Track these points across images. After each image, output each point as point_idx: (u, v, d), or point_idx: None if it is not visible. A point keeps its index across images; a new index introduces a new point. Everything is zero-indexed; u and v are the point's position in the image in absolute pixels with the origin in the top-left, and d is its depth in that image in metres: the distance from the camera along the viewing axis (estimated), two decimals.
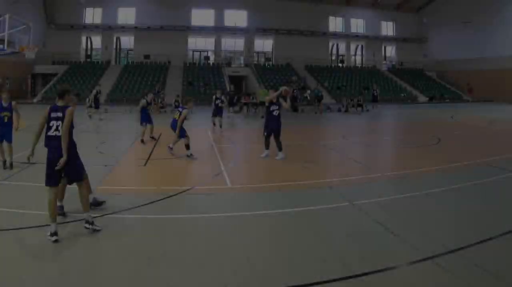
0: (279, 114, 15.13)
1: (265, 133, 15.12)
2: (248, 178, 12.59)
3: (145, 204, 9.35)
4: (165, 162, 14.61)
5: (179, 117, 15.01)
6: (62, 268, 6.14)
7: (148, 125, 18.99)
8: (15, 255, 6.56)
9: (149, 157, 15.19)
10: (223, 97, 25.16)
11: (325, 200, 9.96)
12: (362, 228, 7.91)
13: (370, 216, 8.57)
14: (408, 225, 8.07)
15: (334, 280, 5.88)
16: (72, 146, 7.74)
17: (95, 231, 7.61)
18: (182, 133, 15.06)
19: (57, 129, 7.48)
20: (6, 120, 12.93)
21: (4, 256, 6.48)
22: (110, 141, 18.56)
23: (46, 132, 7.58)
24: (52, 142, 7.50)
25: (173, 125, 15.36)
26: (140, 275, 6.00)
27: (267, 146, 15.26)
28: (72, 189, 8.11)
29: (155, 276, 5.99)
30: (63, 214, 8.48)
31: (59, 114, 7.52)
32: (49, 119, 7.56)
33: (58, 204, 8.29)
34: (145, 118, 18.84)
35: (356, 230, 7.82)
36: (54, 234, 7.10)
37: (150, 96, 19.94)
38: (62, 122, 7.46)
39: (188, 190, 10.69)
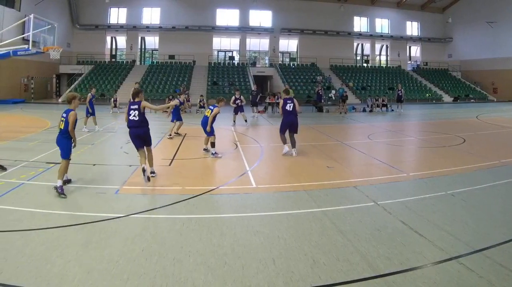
0: None
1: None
2: (273, 178, 12.54)
3: (170, 204, 9.46)
4: (190, 162, 14.67)
5: (210, 114, 15.35)
6: (87, 268, 6.22)
7: (177, 122, 19.90)
8: (40, 254, 6.66)
9: (174, 156, 15.28)
10: (242, 97, 26.23)
11: (350, 200, 9.98)
12: (387, 228, 7.93)
13: (395, 216, 8.61)
14: (433, 225, 8.07)
15: (359, 280, 5.94)
16: (146, 122, 11.79)
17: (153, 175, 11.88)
18: (211, 131, 15.39)
19: (134, 115, 11.51)
20: None
21: (30, 256, 6.59)
22: None
23: (129, 118, 11.66)
24: (133, 123, 11.57)
25: (203, 122, 15.67)
26: (165, 274, 6.06)
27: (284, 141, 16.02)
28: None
29: (180, 275, 6.05)
30: (69, 181, 11.04)
31: (136, 106, 11.55)
32: (129, 110, 11.67)
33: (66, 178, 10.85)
34: (176, 116, 19.80)
35: (381, 230, 7.85)
36: (144, 171, 10.96)
37: (182, 97, 20.70)
38: (138, 111, 11.51)
39: (212, 190, 10.77)
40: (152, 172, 12.02)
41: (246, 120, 25.31)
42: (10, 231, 7.62)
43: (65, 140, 10.52)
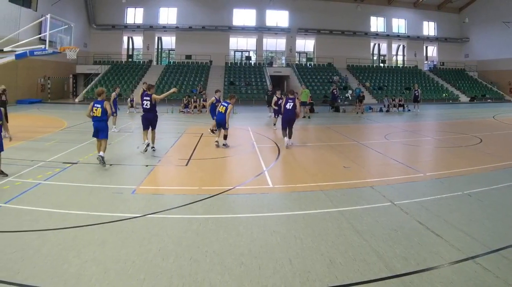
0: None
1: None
2: (289, 178, 12.57)
3: (186, 204, 9.48)
4: (207, 162, 14.66)
5: (225, 111, 16.84)
6: (104, 267, 6.27)
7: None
8: (57, 254, 6.70)
9: (191, 156, 15.29)
10: (283, 97, 25.44)
11: (367, 200, 9.99)
12: (403, 228, 7.94)
13: (411, 216, 8.62)
14: (450, 225, 8.07)
15: (376, 280, 5.95)
16: (155, 110, 16.05)
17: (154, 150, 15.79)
18: (224, 125, 16.96)
19: (147, 105, 15.95)
20: None
21: (47, 256, 6.64)
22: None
23: (142, 106, 16.17)
24: (146, 110, 16.01)
25: (219, 118, 17.11)
26: (181, 274, 6.09)
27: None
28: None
29: (197, 275, 6.08)
30: (103, 161, 13.11)
31: (148, 98, 15.91)
32: (142, 100, 16.16)
33: (100, 153, 13.31)
34: (214, 113, 19.88)
35: (397, 230, 7.86)
36: (148, 144, 15.62)
37: (218, 94, 20.91)
38: (150, 101, 15.87)
39: (229, 190, 10.79)
40: (153, 147, 16.05)
41: (275, 124, 24.74)
42: (27, 231, 7.68)
43: (105, 124, 13.71)
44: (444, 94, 56.24)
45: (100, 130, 13.49)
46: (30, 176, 11.73)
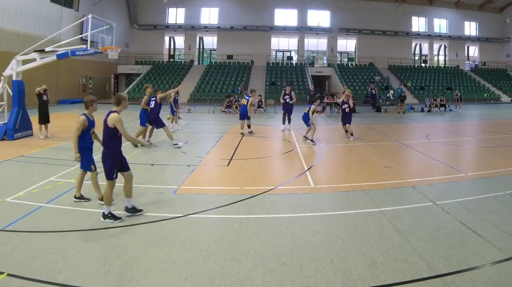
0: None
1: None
2: (331, 178, 12.53)
3: (228, 204, 9.52)
4: (248, 161, 14.70)
5: (247, 103, 20.45)
6: (145, 268, 6.33)
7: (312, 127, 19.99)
8: (98, 254, 6.81)
9: (232, 156, 15.32)
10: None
11: (408, 200, 9.96)
12: (445, 228, 7.91)
13: (453, 216, 8.59)
14: (491, 225, 8.03)
15: (417, 280, 5.95)
16: (158, 111, 17.43)
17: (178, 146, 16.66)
18: (246, 116, 19.43)
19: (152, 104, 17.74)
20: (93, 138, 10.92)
21: (88, 256, 6.73)
22: (193, 142, 18.58)
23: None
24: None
25: (242, 110, 20.02)
26: (223, 274, 6.13)
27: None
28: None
29: (238, 275, 6.11)
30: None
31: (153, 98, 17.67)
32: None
33: (147, 139, 17.27)
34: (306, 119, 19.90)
35: (439, 230, 7.84)
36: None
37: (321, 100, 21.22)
38: (155, 102, 17.55)
39: (271, 190, 10.80)
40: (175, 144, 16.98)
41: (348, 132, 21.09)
42: (68, 231, 7.79)
43: (142, 113, 17.36)
44: (485, 94, 55.42)
45: (140, 117, 17.55)
46: (71, 176, 11.83)
